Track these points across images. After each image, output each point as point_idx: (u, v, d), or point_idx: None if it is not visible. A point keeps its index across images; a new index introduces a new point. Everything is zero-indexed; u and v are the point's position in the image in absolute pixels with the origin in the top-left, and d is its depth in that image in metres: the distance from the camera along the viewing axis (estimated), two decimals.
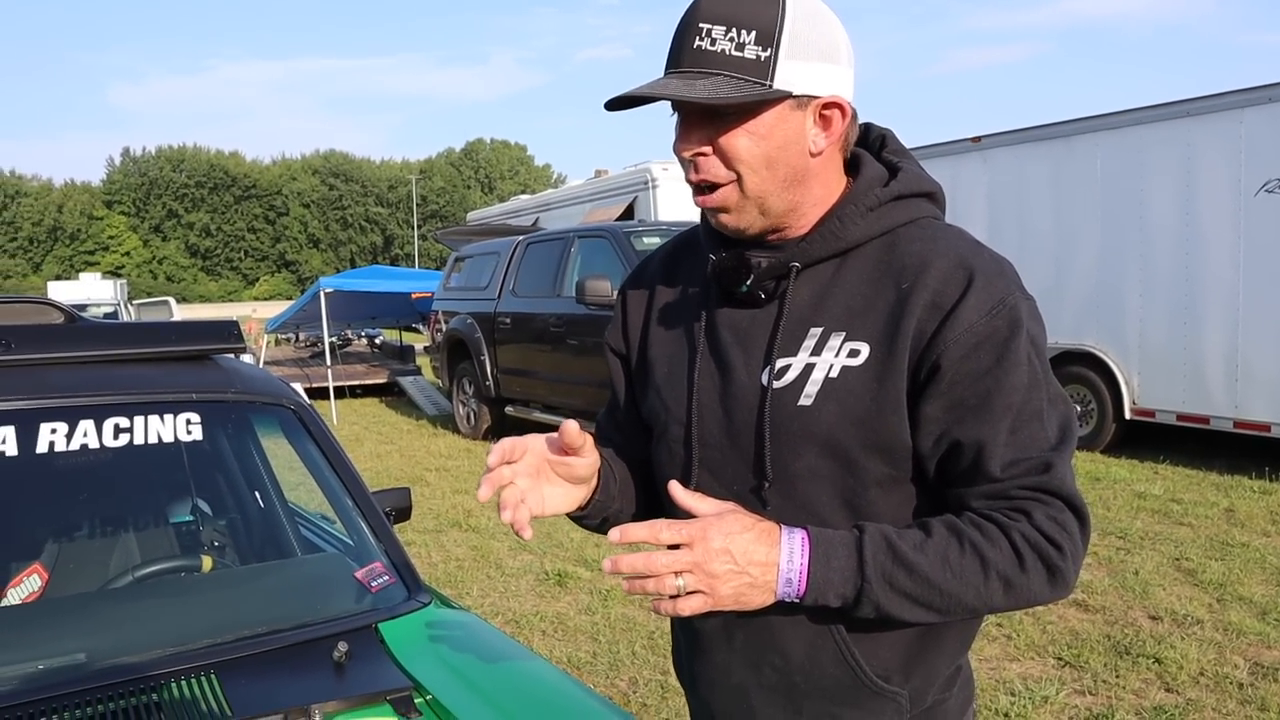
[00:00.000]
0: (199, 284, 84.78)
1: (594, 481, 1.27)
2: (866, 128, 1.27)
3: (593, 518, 1.31)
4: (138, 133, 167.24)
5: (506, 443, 1.17)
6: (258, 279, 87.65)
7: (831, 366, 1.13)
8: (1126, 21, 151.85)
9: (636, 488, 1.38)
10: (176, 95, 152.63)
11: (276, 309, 28.67)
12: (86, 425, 1.90)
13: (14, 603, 1.88)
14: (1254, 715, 3.56)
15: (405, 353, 16.50)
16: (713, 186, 1.14)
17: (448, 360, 10.79)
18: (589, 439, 1.21)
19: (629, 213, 15.25)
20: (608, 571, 1.07)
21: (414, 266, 67.73)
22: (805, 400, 1.13)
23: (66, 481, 2.04)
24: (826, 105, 1.14)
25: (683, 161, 1.15)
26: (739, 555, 1.04)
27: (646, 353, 1.33)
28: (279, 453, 2.32)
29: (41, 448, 1.86)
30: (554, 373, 8.84)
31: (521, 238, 10.14)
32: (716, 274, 1.21)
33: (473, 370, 10.13)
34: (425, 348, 12.87)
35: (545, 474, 1.21)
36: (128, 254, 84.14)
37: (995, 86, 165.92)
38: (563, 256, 8.98)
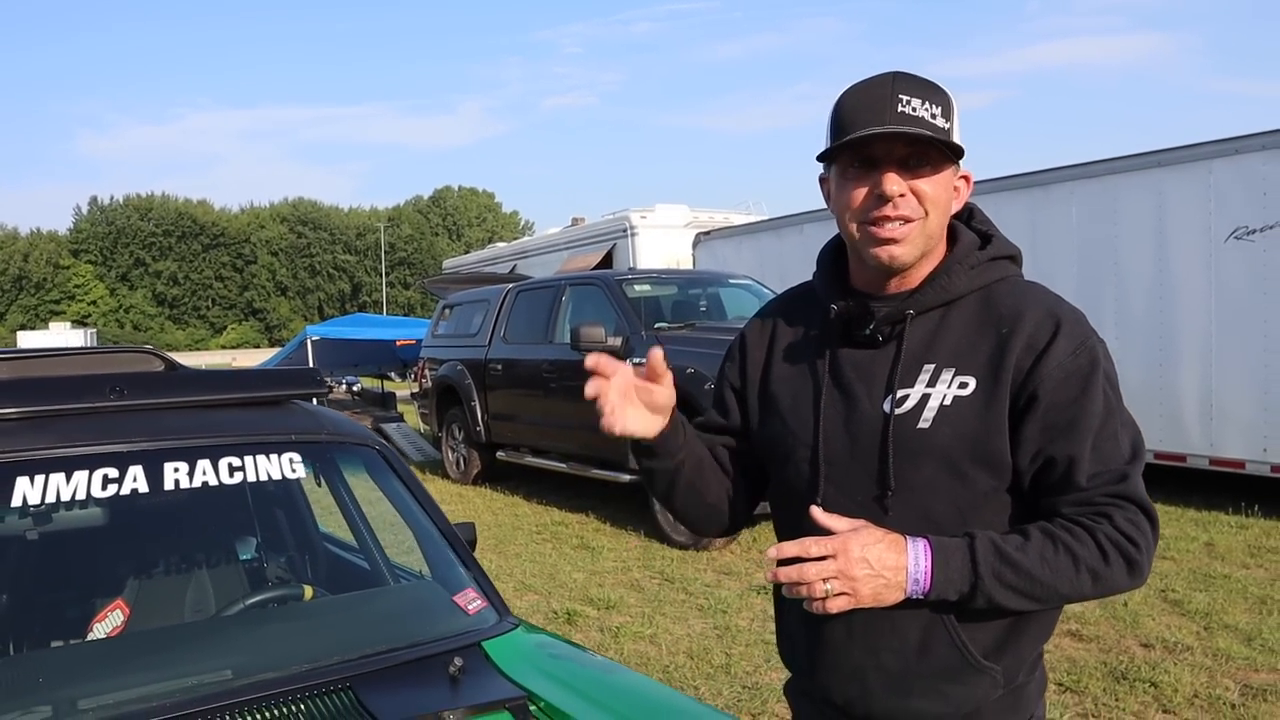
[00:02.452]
0: (166, 332, 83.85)
1: (668, 420, 1.46)
2: None
3: (660, 456, 1.48)
4: (106, 182, 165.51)
5: (605, 359, 1.38)
6: (225, 327, 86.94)
7: (945, 396, 1.37)
8: (1085, 70, 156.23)
9: (707, 472, 1.56)
10: (145, 144, 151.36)
11: (255, 357, 28.55)
12: (204, 464, 2.06)
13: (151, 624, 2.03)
14: None
15: (387, 400, 16.55)
16: (904, 221, 1.36)
17: (437, 407, 10.88)
18: (670, 374, 1.42)
19: (607, 260, 15.46)
20: (769, 580, 1.30)
21: (382, 313, 67.69)
22: (924, 424, 1.37)
23: (179, 518, 2.19)
24: (963, 175, 1.44)
25: (874, 200, 1.36)
26: (875, 562, 1.28)
27: (769, 387, 1.56)
28: (360, 489, 2.48)
29: (169, 484, 2.01)
30: (546, 417, 8.97)
31: (511, 286, 10.31)
32: (842, 319, 1.45)
33: (463, 416, 10.23)
34: (413, 394, 12.96)
35: (630, 396, 1.41)
36: (94, 303, 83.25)
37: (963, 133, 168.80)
38: (554, 304, 9.15)
